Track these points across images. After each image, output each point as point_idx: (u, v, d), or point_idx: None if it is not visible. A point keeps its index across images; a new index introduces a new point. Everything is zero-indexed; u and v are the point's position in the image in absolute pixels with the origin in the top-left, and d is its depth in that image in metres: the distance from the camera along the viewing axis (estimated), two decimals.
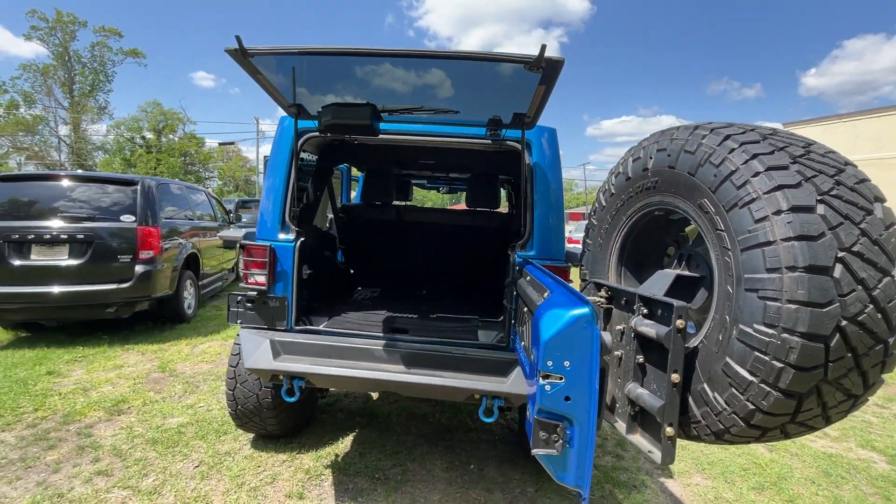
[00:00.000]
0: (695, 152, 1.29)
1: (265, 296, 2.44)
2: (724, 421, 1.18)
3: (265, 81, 2.01)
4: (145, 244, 5.03)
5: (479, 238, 3.40)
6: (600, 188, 1.85)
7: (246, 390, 2.76)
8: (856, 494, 2.78)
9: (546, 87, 1.85)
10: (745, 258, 1.11)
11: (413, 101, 2.27)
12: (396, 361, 2.28)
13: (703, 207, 1.26)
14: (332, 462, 2.88)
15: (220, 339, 5.32)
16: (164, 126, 43.83)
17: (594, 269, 1.85)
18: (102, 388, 3.87)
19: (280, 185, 2.48)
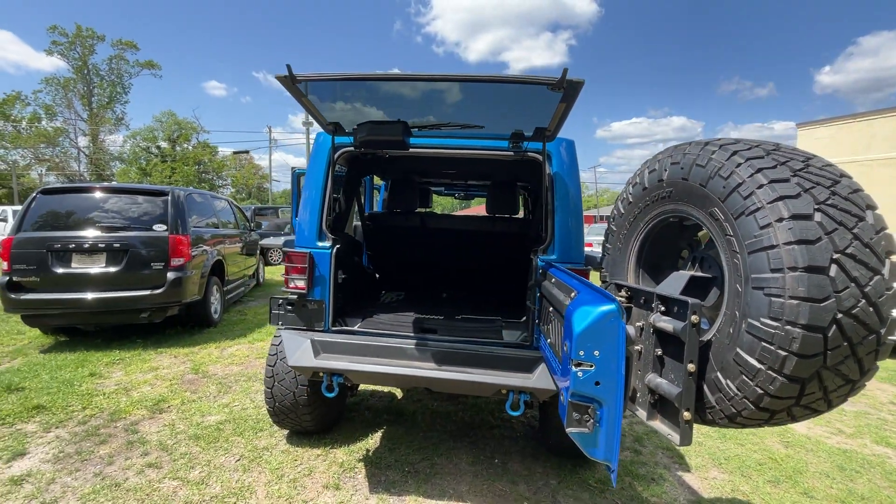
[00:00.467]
0: (705, 166, 1.45)
1: (304, 299, 2.63)
2: (736, 405, 1.33)
3: (308, 103, 2.20)
4: (176, 252, 5.28)
5: (498, 243, 3.56)
6: (618, 197, 2.00)
7: (284, 388, 2.95)
8: (870, 488, 2.87)
9: (567, 104, 2.02)
10: (751, 260, 1.26)
11: (439, 117, 2.45)
12: (428, 359, 2.45)
13: (714, 215, 1.42)
14: (364, 456, 3.05)
15: (246, 343, 5.54)
16: (178, 135, 44.82)
17: (614, 271, 2.01)
18: (142, 389, 4.10)
19: (318, 196, 2.68)
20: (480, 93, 2.19)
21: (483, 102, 2.28)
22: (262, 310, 7.35)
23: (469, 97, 2.24)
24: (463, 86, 2.14)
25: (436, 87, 2.19)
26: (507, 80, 1.91)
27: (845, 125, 13.28)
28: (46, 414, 3.56)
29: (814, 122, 14.12)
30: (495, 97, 2.20)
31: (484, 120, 2.40)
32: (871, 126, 12.75)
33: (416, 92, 2.27)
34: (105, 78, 41.03)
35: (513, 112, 2.30)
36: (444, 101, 2.32)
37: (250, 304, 7.88)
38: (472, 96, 2.23)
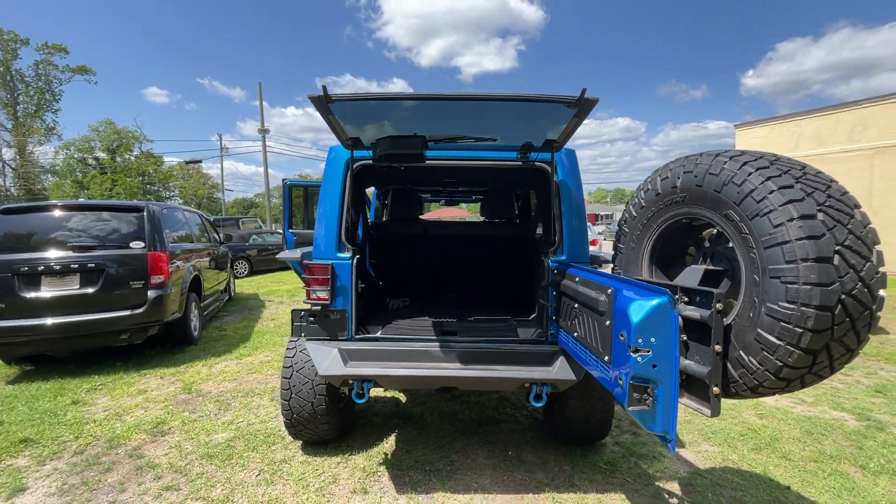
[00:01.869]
0: (719, 174, 1.69)
1: (327, 309, 2.69)
2: (758, 377, 1.56)
3: (334, 121, 2.29)
4: (156, 269, 5.10)
5: (498, 246, 3.74)
6: (629, 202, 2.23)
7: (301, 399, 2.98)
8: (836, 447, 3.28)
9: (579, 120, 2.23)
10: (767, 254, 1.50)
11: (452, 130, 2.59)
12: (453, 360, 2.58)
13: (729, 217, 1.66)
14: (384, 460, 3.13)
15: (234, 359, 5.42)
16: (118, 145, 42.10)
17: (628, 268, 2.23)
18: (135, 413, 3.95)
19: (335, 209, 2.75)
20: (494, 108, 2.35)
21: (495, 117, 2.44)
22: (241, 325, 7.17)
23: (482, 112, 2.40)
24: (477, 101, 2.30)
25: (453, 103, 2.34)
26: (531, 100, 2.08)
27: (777, 125, 14.61)
28: (36, 447, 3.38)
29: (750, 123, 15.43)
30: (508, 112, 2.37)
31: (495, 132, 2.57)
32: (798, 126, 14.11)
33: (431, 108, 2.40)
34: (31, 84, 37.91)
35: (523, 125, 2.49)
36: (456, 116, 2.47)
37: (226, 319, 7.65)
38: (485, 111, 2.39)
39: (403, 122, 2.50)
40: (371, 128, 2.55)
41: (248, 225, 17.91)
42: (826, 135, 13.30)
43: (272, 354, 5.58)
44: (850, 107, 12.95)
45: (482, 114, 2.40)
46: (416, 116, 2.45)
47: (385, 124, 2.52)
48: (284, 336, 6.41)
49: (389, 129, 2.54)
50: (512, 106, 2.26)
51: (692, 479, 2.92)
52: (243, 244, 13.48)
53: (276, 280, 12.69)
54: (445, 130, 2.56)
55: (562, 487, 2.83)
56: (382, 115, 2.41)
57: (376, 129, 2.55)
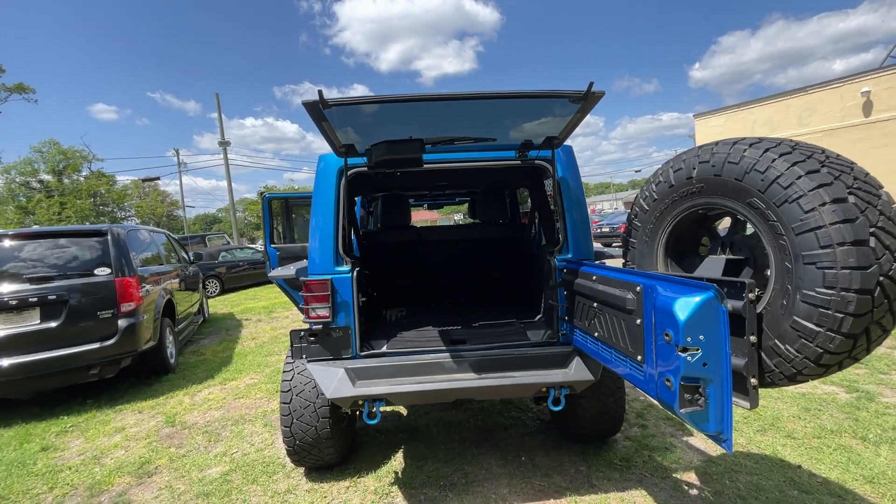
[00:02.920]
0: (739, 163, 1.66)
1: (328, 327, 2.53)
2: (797, 365, 1.54)
3: (328, 127, 2.15)
4: (126, 296, 4.75)
5: (495, 248, 3.67)
6: (639, 196, 2.20)
7: (304, 424, 2.81)
8: (833, 420, 3.38)
9: (582, 115, 2.18)
10: (800, 240, 1.48)
11: (449, 132, 2.50)
12: (466, 369, 2.48)
13: (753, 205, 1.63)
14: (395, 479, 2.99)
15: (217, 385, 5.12)
16: (65, 166, 39.71)
17: (642, 262, 2.20)
18: (115, 454, 3.64)
19: (330, 220, 2.60)
20: (494, 107, 2.27)
21: (494, 116, 2.37)
22: (220, 347, 6.82)
23: (480, 111, 2.32)
24: (476, 101, 2.22)
25: (450, 103, 2.24)
26: (534, 96, 2.01)
27: (732, 114, 15.28)
28: None
29: (707, 113, 16.08)
30: (507, 111, 2.30)
31: (494, 131, 2.50)
32: (752, 113, 14.80)
33: (427, 109, 2.30)
34: None
35: (523, 123, 2.42)
36: (453, 117, 2.38)
37: (203, 342, 7.26)
38: (483, 111, 2.31)
39: (399, 125, 2.38)
40: (364, 134, 2.42)
41: (216, 241, 17.18)
42: (777, 120, 14.00)
43: (258, 376, 5.31)
44: (798, 93, 13.69)
45: (480, 113, 2.32)
46: (411, 120, 2.34)
47: (379, 129, 2.40)
48: (268, 356, 6.13)
49: (384, 134, 2.42)
50: (513, 103, 2.19)
51: (707, 468, 2.93)
52: (213, 262, 12.92)
53: (251, 297, 12.22)
54: (442, 132, 2.46)
55: (582, 489, 2.77)
56: (377, 119, 2.28)
57: (370, 134, 2.42)
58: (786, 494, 2.62)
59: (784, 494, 2.62)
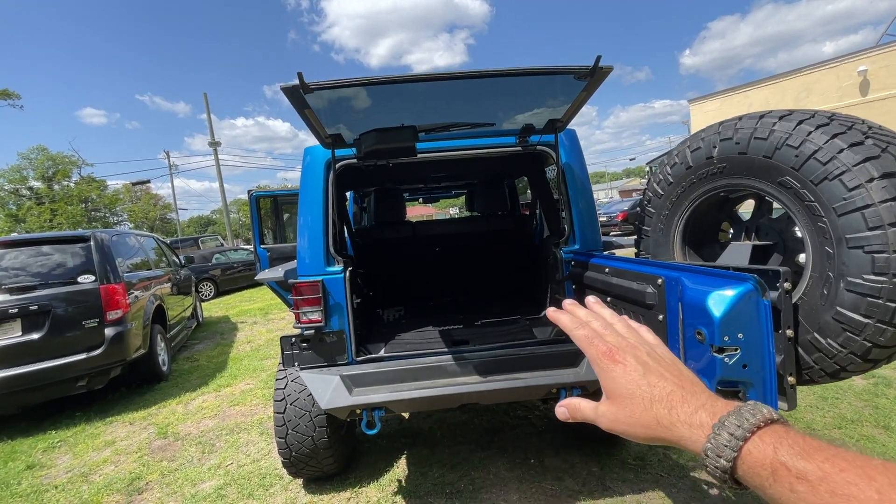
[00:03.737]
0: (767, 138, 1.50)
1: (321, 332, 2.36)
2: (840, 361, 1.38)
3: (311, 115, 1.97)
4: (112, 303, 4.56)
5: (495, 241, 3.50)
6: (652, 179, 2.03)
7: (300, 434, 2.64)
8: (853, 409, 3.24)
9: (588, 93, 2.00)
10: (843, 222, 1.32)
11: (444, 118, 2.32)
12: (471, 372, 2.32)
13: (785, 184, 1.47)
14: (399, 488, 2.84)
15: (212, 392, 4.95)
16: (54, 172, 39.16)
17: (657, 252, 2.03)
18: (104, 470, 3.48)
19: (319, 217, 2.42)
20: (492, 88, 2.09)
21: (492, 98, 2.19)
22: (215, 352, 6.64)
23: (477, 93, 2.14)
24: (472, 82, 2.04)
25: (445, 85, 2.07)
26: (537, 72, 1.83)
27: (727, 97, 15.12)
28: None
29: (703, 98, 15.91)
30: (507, 91, 2.12)
31: (492, 116, 2.32)
32: (747, 97, 14.63)
33: (420, 93, 2.12)
34: None
35: (524, 105, 2.24)
36: (448, 100, 2.20)
37: (197, 347, 7.08)
38: (480, 92, 2.13)
39: (389, 112, 2.20)
40: (351, 122, 2.23)
41: (209, 243, 16.91)
42: (774, 103, 13.84)
43: (254, 382, 5.14)
44: (794, 74, 13.53)
45: (477, 95, 2.14)
46: (402, 105, 2.16)
47: (368, 117, 2.21)
48: (264, 360, 5.96)
49: (373, 122, 2.24)
50: (513, 83, 2.01)
51: None
52: (206, 264, 12.70)
53: (246, 299, 12.02)
54: (436, 118, 2.28)
55: (596, 493, 2.63)
56: (365, 105, 2.10)
57: (358, 123, 2.24)
58: None
59: None
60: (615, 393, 0.52)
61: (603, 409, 0.54)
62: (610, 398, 0.53)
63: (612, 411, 0.53)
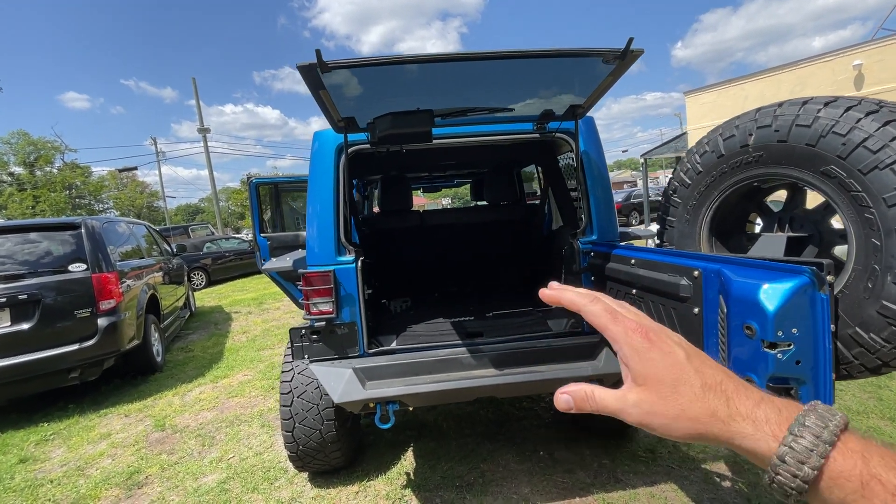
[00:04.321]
0: (811, 125, 1.44)
1: (332, 324, 2.29)
2: (883, 356, 1.35)
3: (326, 96, 1.87)
4: (105, 293, 4.42)
5: (504, 231, 3.43)
6: (679, 169, 1.97)
7: (307, 428, 2.58)
8: (857, 401, 3.27)
9: (614, 77, 1.93)
10: (894, 213, 1.27)
11: (461, 102, 2.23)
12: (486, 365, 2.27)
13: (829, 173, 1.41)
14: (408, 481, 2.80)
15: (209, 384, 4.85)
16: (36, 158, 38.09)
17: (682, 243, 1.98)
18: (101, 463, 3.38)
19: (329, 205, 2.32)
20: (512, 71, 2.01)
21: (511, 82, 2.10)
22: (210, 342, 6.52)
23: (497, 77, 2.05)
24: (492, 65, 1.95)
25: (464, 67, 1.98)
26: (564, 54, 1.75)
27: (723, 90, 15.10)
28: None
29: (699, 90, 15.87)
30: (527, 75, 2.04)
31: (510, 101, 2.23)
32: (743, 89, 14.63)
33: (437, 76, 2.02)
34: None
35: (544, 89, 2.16)
36: (465, 84, 2.11)
37: (191, 337, 6.96)
38: (501, 76, 2.05)
39: (404, 95, 2.10)
40: (365, 105, 2.13)
41: (200, 232, 16.61)
42: (769, 96, 13.86)
43: (251, 372, 5.05)
44: (790, 67, 13.54)
45: (495, 79, 2.05)
46: (418, 88, 2.06)
47: (382, 99, 2.11)
48: (261, 350, 5.86)
49: (387, 105, 2.14)
50: (536, 65, 1.92)
51: (735, 456, 2.79)
52: (197, 253, 12.47)
53: (239, 289, 11.86)
54: (452, 103, 2.19)
55: (608, 486, 2.61)
56: (381, 87, 2.00)
57: (371, 106, 2.14)
58: None
59: None
60: (653, 378, 0.42)
61: (634, 398, 0.43)
62: (644, 385, 0.43)
63: (647, 401, 0.43)
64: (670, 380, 0.42)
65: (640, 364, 0.43)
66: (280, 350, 5.77)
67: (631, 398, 0.44)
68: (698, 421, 0.40)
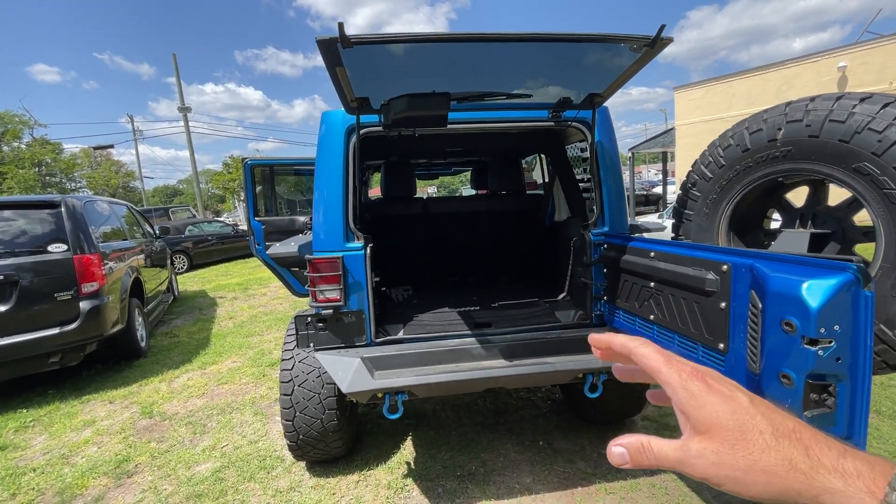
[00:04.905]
0: (846, 121, 1.43)
1: (340, 312, 2.22)
2: None
3: (342, 74, 1.78)
4: (87, 275, 4.24)
5: (509, 221, 3.39)
6: (700, 162, 1.95)
7: (308, 417, 2.53)
8: None
9: (639, 66, 1.89)
10: None
11: (474, 87, 2.16)
12: (496, 356, 2.24)
13: (862, 170, 1.41)
14: (408, 470, 2.78)
15: (197, 370, 4.73)
16: (3, 132, 36.31)
17: (699, 237, 1.97)
18: (86, 451, 3.27)
19: (339, 189, 2.24)
20: (532, 55, 1.95)
21: (531, 67, 2.05)
22: (195, 328, 6.36)
23: (517, 61, 1.99)
24: (512, 48, 1.89)
25: (484, 50, 1.91)
26: (592, 39, 1.70)
27: (711, 87, 15.28)
28: None
29: (688, 86, 16.03)
30: (548, 60, 1.98)
31: (528, 87, 2.18)
32: (731, 87, 14.83)
33: (458, 58, 1.95)
34: None
35: (563, 77, 2.11)
36: (484, 68, 2.04)
37: (176, 322, 6.77)
38: (520, 60, 1.98)
39: (418, 77, 2.02)
40: (379, 86, 2.05)
41: (181, 214, 16.12)
42: (756, 94, 14.10)
43: (240, 359, 4.94)
44: (776, 67, 13.76)
45: (515, 63, 1.99)
46: (434, 69, 1.99)
47: (396, 80, 2.03)
48: (249, 336, 5.74)
49: (401, 87, 2.05)
50: (559, 50, 1.86)
51: None
52: (179, 236, 12.12)
53: (223, 273, 11.59)
54: (468, 86, 2.12)
55: (609, 475, 2.64)
56: (398, 66, 1.92)
57: (384, 87, 2.06)
58: None
59: None
60: (716, 425, 0.39)
61: (696, 448, 0.39)
62: (707, 433, 0.39)
63: (712, 450, 0.38)
64: (736, 426, 0.38)
65: (700, 410, 0.40)
66: (269, 337, 5.67)
67: (693, 448, 0.40)
68: (774, 474, 0.36)
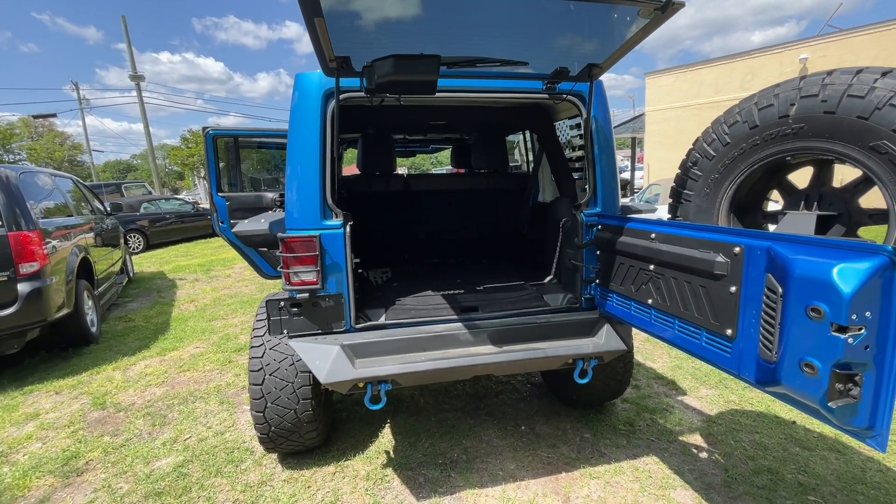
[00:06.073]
0: (866, 97, 1.35)
1: (316, 296, 2.03)
2: None
3: (321, 25, 1.56)
4: (25, 254, 3.82)
5: (497, 200, 3.24)
6: (704, 140, 1.86)
7: (280, 408, 2.36)
8: None
9: (645, 33, 1.76)
10: None
11: (466, 52, 1.98)
12: (485, 342, 2.13)
13: (880, 149, 1.34)
14: (388, 460, 2.66)
15: (156, 356, 4.41)
16: None
17: (698, 218, 1.90)
18: (28, 448, 2.97)
19: (315, 160, 2.02)
20: (532, 18, 1.79)
21: (528, 31, 1.88)
22: (153, 311, 5.96)
23: (513, 24, 1.82)
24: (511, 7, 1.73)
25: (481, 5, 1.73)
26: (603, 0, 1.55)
27: (681, 74, 15.53)
28: None
29: (658, 72, 16.23)
30: (547, 24, 1.83)
31: (523, 54, 2.01)
32: (699, 74, 15.11)
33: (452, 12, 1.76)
34: None
35: (561, 44, 1.96)
36: (477, 30, 1.87)
37: (131, 305, 6.33)
38: (518, 23, 1.82)
39: (407, 36, 1.82)
40: (360, 45, 1.83)
41: (135, 191, 15.09)
42: (722, 82, 14.43)
43: (203, 345, 4.65)
44: (743, 57, 14.09)
45: (512, 23, 1.82)
46: (425, 28, 1.80)
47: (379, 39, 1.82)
48: (213, 320, 5.43)
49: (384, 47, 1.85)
50: (563, 10, 1.71)
51: (710, 428, 2.89)
52: (134, 214, 11.34)
53: (182, 254, 10.97)
54: (460, 51, 1.93)
55: (592, 459, 2.61)
56: (384, 21, 1.71)
57: (366, 47, 1.84)
58: (790, 452, 2.62)
59: (788, 452, 2.62)
60: None
61: None
62: None
63: None
64: None
65: None
66: (235, 321, 5.37)
67: None
68: None
